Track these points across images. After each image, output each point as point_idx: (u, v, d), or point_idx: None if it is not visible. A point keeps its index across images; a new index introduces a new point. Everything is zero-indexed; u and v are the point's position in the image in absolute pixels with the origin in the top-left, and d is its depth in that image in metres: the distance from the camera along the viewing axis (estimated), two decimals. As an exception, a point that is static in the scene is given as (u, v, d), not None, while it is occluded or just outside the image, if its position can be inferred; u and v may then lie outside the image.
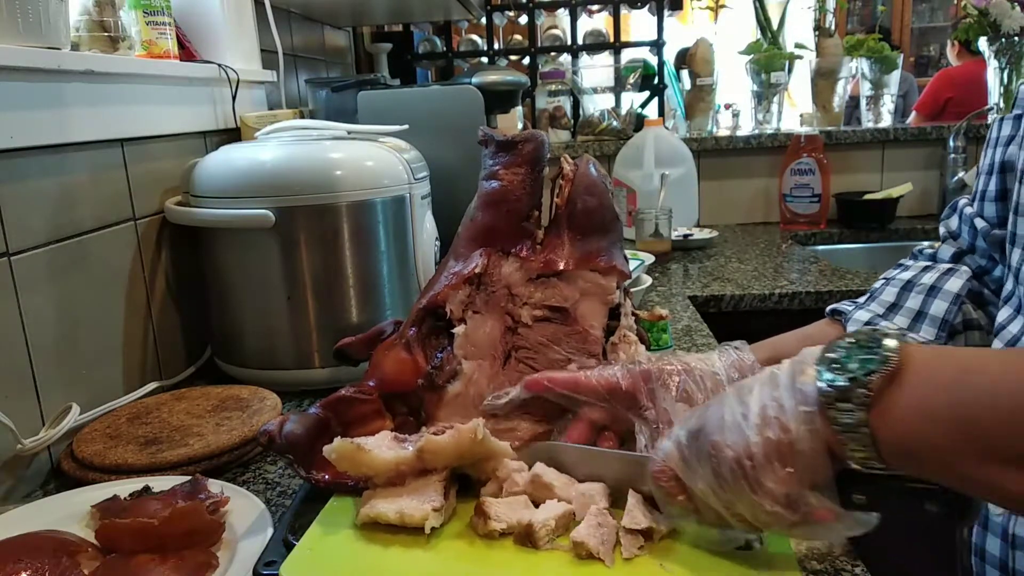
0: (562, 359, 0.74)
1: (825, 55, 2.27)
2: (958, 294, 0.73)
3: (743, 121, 2.67)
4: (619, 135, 2.21)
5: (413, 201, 1.07)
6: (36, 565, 0.59)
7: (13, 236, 0.82)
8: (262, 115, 1.31)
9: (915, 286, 0.76)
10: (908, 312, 0.75)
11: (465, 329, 0.74)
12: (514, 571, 0.56)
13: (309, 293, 1.02)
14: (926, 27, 5.79)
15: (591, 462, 0.63)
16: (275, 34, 1.50)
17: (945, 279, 0.74)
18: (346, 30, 2.32)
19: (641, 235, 1.83)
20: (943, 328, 0.72)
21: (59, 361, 0.89)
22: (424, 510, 0.59)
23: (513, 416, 0.72)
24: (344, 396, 0.72)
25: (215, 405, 0.93)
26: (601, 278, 0.74)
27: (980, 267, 0.76)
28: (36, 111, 0.85)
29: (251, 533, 0.65)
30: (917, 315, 0.74)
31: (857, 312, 0.78)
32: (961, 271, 0.74)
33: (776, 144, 2.18)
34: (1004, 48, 2.16)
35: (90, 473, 0.80)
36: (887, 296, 0.78)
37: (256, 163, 1.02)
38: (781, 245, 1.96)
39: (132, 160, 1.04)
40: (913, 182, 2.15)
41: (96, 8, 1.01)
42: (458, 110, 1.35)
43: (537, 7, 2.32)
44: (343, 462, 0.63)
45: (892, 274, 0.80)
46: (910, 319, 0.74)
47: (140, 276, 1.06)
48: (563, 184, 0.76)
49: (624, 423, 0.64)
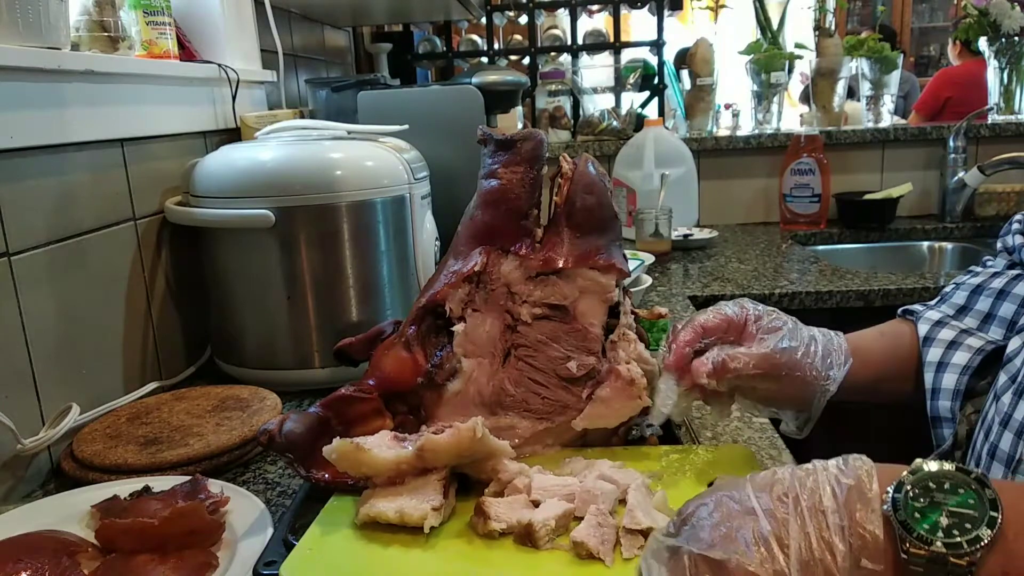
0: (561, 357, 0.74)
1: (825, 55, 2.27)
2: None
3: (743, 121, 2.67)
4: (619, 135, 2.21)
5: (413, 201, 1.07)
6: (36, 565, 0.59)
7: (13, 236, 0.82)
8: (262, 115, 1.31)
9: (984, 290, 0.78)
10: (977, 315, 0.77)
11: (465, 327, 0.74)
12: (514, 571, 0.56)
13: (309, 293, 1.02)
14: (926, 27, 5.79)
15: None
16: (275, 34, 1.50)
17: (1014, 284, 0.76)
18: (346, 30, 2.32)
19: (641, 235, 1.83)
20: (1010, 329, 0.74)
21: (59, 361, 0.89)
22: (423, 509, 0.59)
23: (512, 415, 0.72)
24: (344, 395, 0.72)
25: (215, 405, 0.93)
26: (600, 276, 0.74)
27: None
28: (36, 111, 0.85)
29: (251, 533, 0.65)
30: (987, 317, 0.76)
31: (928, 312, 0.80)
32: None
33: (776, 144, 2.18)
34: (1004, 48, 2.16)
35: (90, 473, 0.80)
36: (957, 299, 0.80)
37: (256, 163, 1.02)
38: (781, 245, 1.96)
39: (132, 160, 1.04)
40: (913, 182, 2.14)
41: (96, 8, 1.00)
42: (458, 110, 1.35)
43: (537, 7, 2.32)
44: (343, 462, 0.63)
45: (962, 279, 0.82)
46: (979, 320, 0.77)
47: (140, 276, 1.06)
48: (562, 183, 0.76)
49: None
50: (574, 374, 0.73)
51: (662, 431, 0.76)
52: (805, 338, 0.72)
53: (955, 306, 0.80)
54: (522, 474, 0.64)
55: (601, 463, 0.67)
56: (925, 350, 0.76)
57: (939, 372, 0.74)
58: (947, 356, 0.74)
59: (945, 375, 0.73)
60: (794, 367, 0.70)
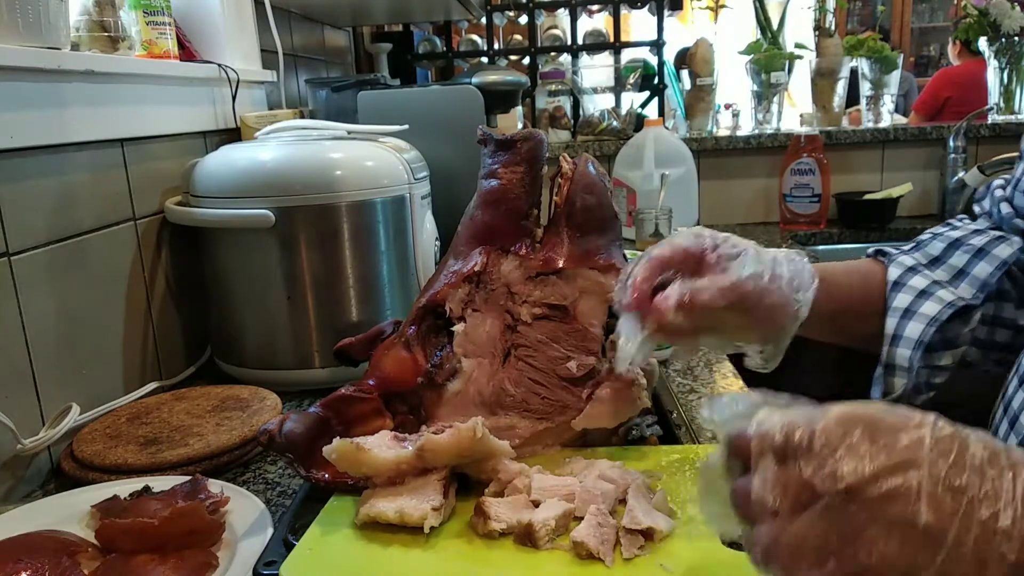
0: (561, 357, 0.74)
1: (825, 55, 2.27)
2: (1005, 260, 0.71)
3: (743, 121, 2.67)
4: (619, 135, 2.21)
5: (413, 201, 1.07)
6: (36, 565, 0.59)
7: (13, 236, 0.82)
8: (262, 115, 1.31)
9: (963, 245, 0.74)
10: (950, 268, 0.74)
11: (465, 327, 0.74)
12: (514, 571, 0.56)
13: (309, 293, 1.02)
14: (926, 27, 5.79)
15: None
16: (275, 34, 1.50)
17: (995, 244, 0.72)
18: (346, 30, 2.32)
19: (641, 235, 1.83)
20: (982, 290, 0.71)
21: (59, 361, 0.89)
22: (423, 509, 0.59)
23: (512, 415, 0.72)
24: (344, 395, 0.72)
25: (215, 405, 0.93)
26: (600, 276, 0.74)
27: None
28: (36, 111, 0.85)
29: (251, 533, 0.65)
30: (959, 273, 0.73)
31: (900, 256, 0.77)
32: (1012, 240, 0.73)
33: (776, 144, 2.18)
34: (1004, 48, 2.16)
35: (90, 473, 0.80)
36: (932, 249, 0.76)
37: (256, 163, 1.02)
38: (781, 245, 1.95)
39: (132, 160, 1.04)
40: (913, 182, 2.14)
41: (96, 8, 1.00)
42: (458, 110, 1.35)
43: (537, 7, 2.32)
44: (343, 462, 0.63)
45: (940, 230, 0.78)
46: (951, 275, 0.73)
47: (140, 276, 1.06)
48: (562, 183, 0.76)
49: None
50: (574, 374, 0.73)
51: (662, 431, 0.76)
52: (769, 261, 0.67)
53: (929, 256, 0.76)
54: (522, 474, 0.64)
55: (601, 463, 0.67)
56: (893, 295, 0.73)
57: (904, 318, 0.72)
58: (916, 304, 0.72)
59: (911, 323, 0.71)
60: (763, 293, 0.65)
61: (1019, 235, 0.73)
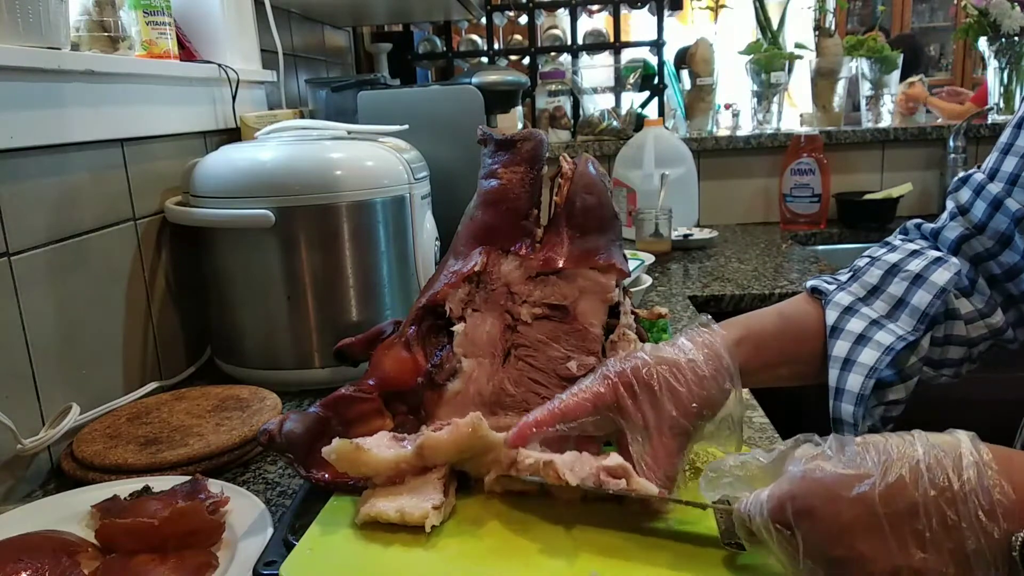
0: (561, 357, 0.74)
1: (825, 55, 2.27)
2: (943, 288, 0.70)
3: (743, 121, 2.67)
4: (619, 135, 2.21)
5: (413, 201, 1.07)
6: (36, 565, 0.59)
7: (13, 236, 0.82)
8: (262, 115, 1.31)
9: (900, 271, 0.73)
10: (889, 298, 0.72)
11: (465, 327, 0.74)
12: (514, 569, 0.56)
13: (309, 293, 1.02)
14: (926, 27, 5.78)
15: None
16: (275, 34, 1.50)
17: (932, 269, 0.71)
18: (346, 30, 2.32)
19: (641, 235, 1.83)
20: (922, 320, 0.70)
21: (59, 361, 0.89)
22: (424, 508, 0.59)
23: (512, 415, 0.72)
24: (344, 395, 0.72)
25: (215, 405, 0.93)
26: (600, 276, 0.74)
27: (986, 250, 0.72)
28: (36, 111, 0.85)
29: (251, 533, 0.65)
30: (898, 303, 0.72)
31: (838, 295, 0.75)
32: (950, 263, 0.71)
33: (776, 144, 2.18)
34: (1004, 48, 2.16)
35: (90, 473, 0.80)
36: (870, 278, 0.74)
37: (256, 163, 1.02)
38: (781, 245, 1.96)
39: (132, 160, 1.04)
40: (913, 182, 2.15)
41: (96, 8, 1.00)
42: (458, 110, 1.35)
43: (537, 7, 2.32)
44: (343, 462, 0.63)
45: (878, 253, 0.77)
46: (890, 306, 0.72)
47: (140, 276, 1.06)
48: (562, 183, 0.76)
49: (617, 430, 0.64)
50: (574, 374, 0.73)
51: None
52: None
53: (867, 285, 0.74)
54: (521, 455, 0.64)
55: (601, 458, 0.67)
56: (832, 342, 0.72)
57: (844, 370, 0.70)
58: (854, 352, 0.70)
59: (851, 375, 0.70)
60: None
61: (1004, 241, 0.71)
